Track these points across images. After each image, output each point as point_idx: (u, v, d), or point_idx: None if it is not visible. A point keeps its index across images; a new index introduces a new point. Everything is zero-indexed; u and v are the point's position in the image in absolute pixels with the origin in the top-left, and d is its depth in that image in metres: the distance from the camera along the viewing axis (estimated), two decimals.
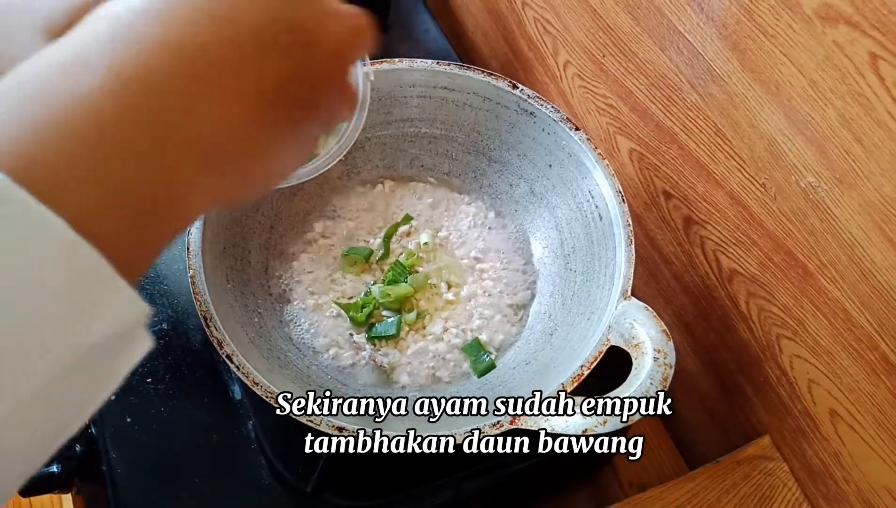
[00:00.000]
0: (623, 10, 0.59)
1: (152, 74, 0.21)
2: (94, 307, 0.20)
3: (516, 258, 0.63)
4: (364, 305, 0.58)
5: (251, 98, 0.23)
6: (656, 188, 0.62)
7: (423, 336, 0.58)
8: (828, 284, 0.48)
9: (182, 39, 0.22)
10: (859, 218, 0.44)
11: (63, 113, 0.20)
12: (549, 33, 0.72)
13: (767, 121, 0.48)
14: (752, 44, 0.47)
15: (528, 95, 0.59)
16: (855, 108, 0.41)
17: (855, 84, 0.41)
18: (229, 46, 0.23)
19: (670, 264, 0.64)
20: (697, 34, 0.51)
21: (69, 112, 0.20)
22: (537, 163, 0.61)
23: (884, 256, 0.43)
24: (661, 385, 0.44)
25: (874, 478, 0.50)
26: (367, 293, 0.59)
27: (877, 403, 0.47)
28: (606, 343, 0.48)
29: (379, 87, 0.61)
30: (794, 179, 0.47)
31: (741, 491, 0.55)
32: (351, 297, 0.59)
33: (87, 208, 0.20)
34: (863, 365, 0.47)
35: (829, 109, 0.43)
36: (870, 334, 0.46)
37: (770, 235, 0.51)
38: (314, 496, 0.51)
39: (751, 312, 0.56)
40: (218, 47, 0.23)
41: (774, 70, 0.46)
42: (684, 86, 0.54)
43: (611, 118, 0.66)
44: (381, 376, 0.56)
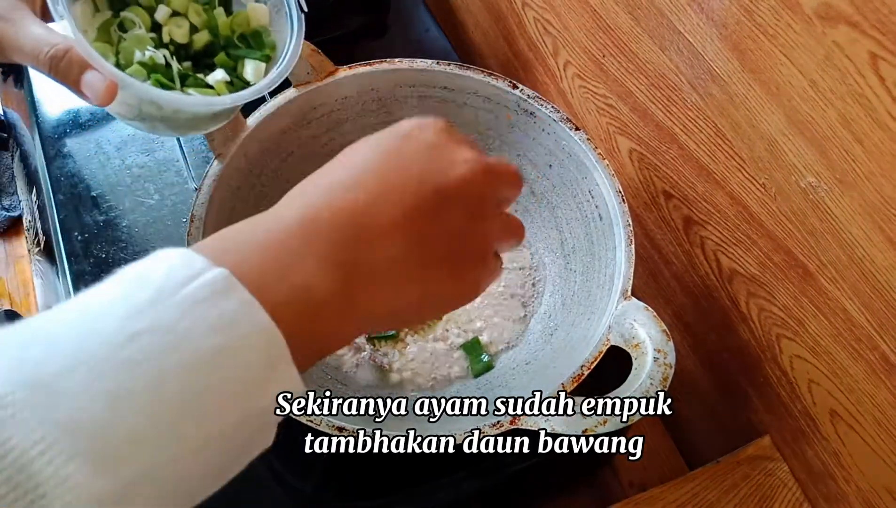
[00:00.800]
0: (623, 10, 0.59)
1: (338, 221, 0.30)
2: (270, 376, 0.26)
3: (516, 258, 0.63)
4: None
5: (409, 239, 0.30)
6: (656, 188, 0.62)
7: (422, 336, 0.58)
8: (828, 284, 0.48)
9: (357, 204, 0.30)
10: (859, 218, 0.44)
11: (262, 237, 0.29)
12: (549, 33, 0.72)
13: (767, 121, 0.48)
14: (753, 44, 0.46)
15: (528, 95, 0.59)
16: (855, 108, 0.41)
17: (855, 84, 0.40)
18: (391, 207, 0.30)
19: (670, 264, 0.64)
20: (697, 34, 0.51)
21: (266, 237, 0.29)
22: (537, 163, 0.61)
23: (884, 256, 0.43)
24: (661, 385, 0.44)
25: (874, 478, 0.50)
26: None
27: (877, 403, 0.47)
28: (606, 343, 0.48)
29: (379, 87, 0.61)
30: (795, 179, 0.47)
31: (741, 491, 0.55)
32: None
33: (278, 303, 0.26)
34: (863, 365, 0.47)
35: (829, 110, 0.43)
36: (870, 334, 0.46)
37: (770, 235, 0.51)
38: (314, 496, 0.51)
39: (751, 312, 0.56)
40: (383, 206, 0.30)
41: (774, 70, 0.46)
42: (684, 86, 0.54)
43: (611, 118, 0.66)
44: (380, 376, 0.56)
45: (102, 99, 0.42)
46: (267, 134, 0.59)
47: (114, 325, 0.24)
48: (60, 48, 0.41)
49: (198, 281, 0.25)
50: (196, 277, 0.25)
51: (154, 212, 0.65)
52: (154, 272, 0.25)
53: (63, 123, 0.71)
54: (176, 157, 0.68)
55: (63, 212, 0.64)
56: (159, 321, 0.24)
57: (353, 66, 0.60)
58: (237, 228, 0.30)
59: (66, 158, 0.68)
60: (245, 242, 0.28)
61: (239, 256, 0.27)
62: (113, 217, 0.64)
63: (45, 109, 0.72)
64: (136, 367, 0.23)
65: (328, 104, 0.61)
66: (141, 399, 0.23)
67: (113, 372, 0.23)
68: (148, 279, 0.25)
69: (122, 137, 0.69)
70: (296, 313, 0.27)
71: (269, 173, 0.60)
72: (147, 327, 0.24)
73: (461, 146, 0.33)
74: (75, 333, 0.24)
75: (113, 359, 0.23)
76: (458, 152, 0.32)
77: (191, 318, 0.24)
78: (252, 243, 0.28)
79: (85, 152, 0.68)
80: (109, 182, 0.67)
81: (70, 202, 0.65)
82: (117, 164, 0.68)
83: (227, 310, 0.25)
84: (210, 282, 0.25)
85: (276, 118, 0.59)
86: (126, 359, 0.23)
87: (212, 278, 0.25)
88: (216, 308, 0.25)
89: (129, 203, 0.65)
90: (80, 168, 0.67)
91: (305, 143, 0.62)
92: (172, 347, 0.24)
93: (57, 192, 0.66)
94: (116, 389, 0.23)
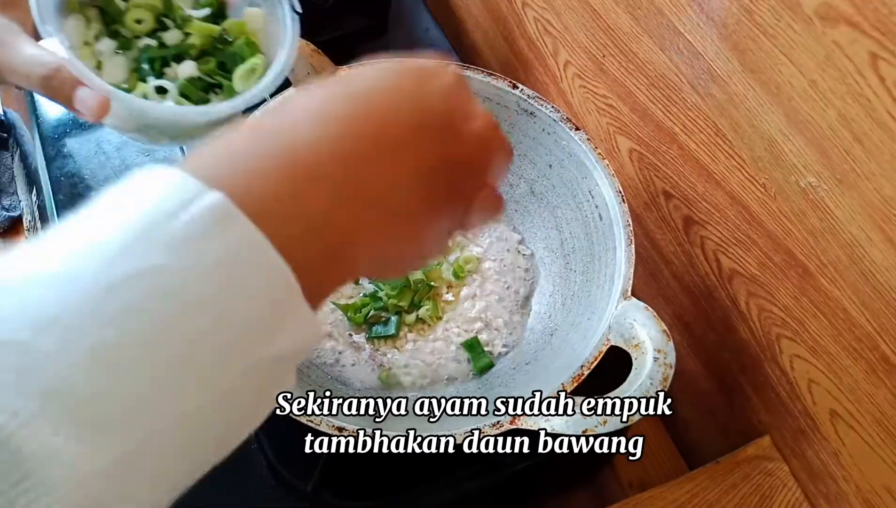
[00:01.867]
0: (623, 10, 0.59)
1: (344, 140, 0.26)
2: (283, 323, 0.23)
3: (516, 258, 0.63)
4: (362, 306, 0.58)
5: (412, 170, 0.28)
6: (656, 188, 0.62)
7: (422, 336, 0.58)
8: (828, 284, 0.48)
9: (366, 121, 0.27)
10: (859, 218, 0.44)
11: (275, 159, 0.25)
12: (550, 33, 0.72)
13: (767, 121, 0.48)
14: (753, 44, 0.46)
15: (528, 95, 0.59)
16: (855, 108, 0.41)
17: (855, 84, 0.40)
18: (396, 129, 0.28)
19: (670, 264, 0.64)
20: (697, 34, 0.51)
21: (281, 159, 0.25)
22: (537, 163, 0.61)
23: (884, 256, 0.43)
24: (661, 385, 0.44)
25: (874, 478, 0.50)
26: (366, 295, 0.59)
27: (877, 403, 0.47)
28: (607, 343, 0.48)
29: None
30: (795, 179, 0.47)
31: (741, 491, 0.55)
32: (350, 297, 0.59)
33: (289, 236, 0.23)
34: (863, 365, 0.47)
35: (829, 110, 0.43)
36: (870, 333, 0.46)
37: (770, 235, 0.51)
38: (314, 496, 0.51)
39: (751, 312, 0.56)
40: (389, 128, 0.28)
41: (775, 70, 0.46)
42: (684, 86, 0.54)
43: (611, 118, 0.66)
44: (380, 375, 0.56)
45: (95, 114, 0.42)
46: None
47: (97, 269, 0.20)
48: (52, 67, 0.41)
49: (191, 209, 0.22)
50: (189, 204, 0.22)
51: None
52: (141, 199, 0.22)
53: (63, 123, 0.71)
54: (176, 157, 0.68)
55: (63, 212, 0.64)
56: (149, 261, 0.21)
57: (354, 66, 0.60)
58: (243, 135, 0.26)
59: (67, 159, 0.68)
60: (248, 155, 0.25)
61: (241, 176, 0.24)
62: None
63: (44, 109, 0.72)
64: (127, 319, 0.20)
65: None
66: (134, 357, 0.20)
67: (98, 327, 0.20)
68: (134, 208, 0.22)
69: (122, 138, 0.69)
70: (307, 247, 0.24)
71: None
72: (135, 270, 0.21)
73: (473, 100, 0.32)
74: (54, 280, 0.20)
75: (98, 311, 0.20)
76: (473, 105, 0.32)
77: (186, 257, 0.21)
78: (259, 156, 0.25)
79: (85, 152, 0.68)
80: (109, 182, 0.66)
81: (70, 202, 0.65)
82: (117, 164, 0.68)
83: (230, 246, 0.22)
84: (207, 211, 0.22)
85: None
86: (115, 310, 0.20)
87: (209, 206, 0.22)
88: (216, 243, 0.22)
89: None
90: (81, 168, 0.67)
91: None
92: (165, 293, 0.21)
93: (57, 192, 0.66)
94: (104, 347, 0.20)
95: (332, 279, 0.27)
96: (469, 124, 0.31)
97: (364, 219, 0.27)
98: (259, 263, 0.22)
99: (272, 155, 0.25)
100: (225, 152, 0.25)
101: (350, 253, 0.27)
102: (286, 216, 0.24)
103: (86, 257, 0.21)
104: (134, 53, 0.47)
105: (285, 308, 0.23)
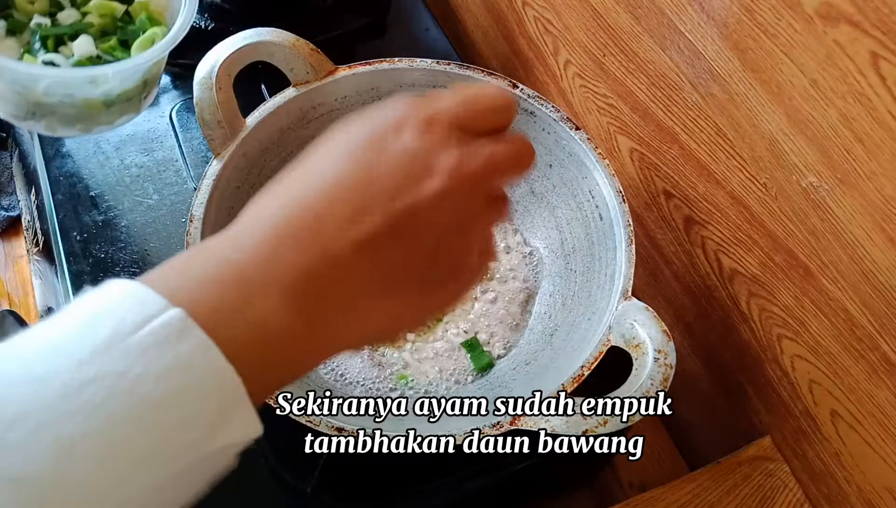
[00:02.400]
0: (623, 9, 0.58)
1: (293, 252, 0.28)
2: (227, 420, 0.26)
3: (516, 259, 0.62)
4: None
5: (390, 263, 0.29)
6: (657, 188, 0.62)
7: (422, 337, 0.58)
8: (829, 284, 0.48)
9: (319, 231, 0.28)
10: (861, 218, 0.44)
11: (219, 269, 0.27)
12: (550, 33, 0.71)
13: (768, 120, 0.48)
14: (753, 43, 0.46)
15: (529, 95, 0.59)
16: (856, 107, 0.41)
17: (856, 84, 0.40)
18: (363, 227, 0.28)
19: (671, 264, 0.64)
20: (698, 34, 0.51)
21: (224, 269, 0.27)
22: (537, 163, 0.61)
23: (885, 256, 0.43)
24: (661, 386, 0.44)
25: (875, 479, 0.50)
26: None
27: (878, 403, 0.47)
28: (607, 344, 0.48)
29: (378, 86, 0.61)
30: (796, 178, 0.47)
31: (742, 492, 0.55)
32: None
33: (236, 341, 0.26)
34: (864, 365, 0.47)
35: (830, 109, 0.43)
36: (871, 334, 0.46)
37: (771, 235, 0.51)
38: (314, 496, 0.51)
39: (752, 312, 0.56)
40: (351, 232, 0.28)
41: (775, 70, 0.45)
42: (685, 85, 0.54)
43: (611, 118, 0.66)
44: (380, 375, 0.56)
45: None
46: (266, 133, 0.59)
47: (66, 371, 0.24)
48: None
49: (153, 324, 0.25)
50: (151, 319, 0.25)
51: (153, 212, 0.65)
52: (108, 313, 0.25)
53: None
54: (175, 157, 0.68)
55: (62, 212, 0.64)
56: (112, 367, 0.24)
57: (353, 65, 0.60)
58: (194, 256, 0.29)
59: (65, 158, 0.68)
60: (202, 275, 0.28)
61: (196, 291, 0.27)
62: (112, 217, 0.64)
63: None
64: (88, 416, 0.23)
65: (328, 104, 0.61)
66: (91, 448, 0.23)
67: (62, 422, 0.23)
68: (102, 321, 0.25)
69: (121, 137, 0.69)
70: (254, 349, 0.27)
71: (268, 173, 0.60)
72: (98, 373, 0.24)
73: (446, 146, 0.29)
74: (26, 379, 0.24)
75: (63, 408, 0.23)
76: (439, 157, 0.29)
77: (143, 363, 0.24)
78: (210, 276, 0.27)
79: (84, 152, 0.68)
80: (108, 182, 0.66)
81: (69, 202, 0.65)
82: (116, 163, 0.68)
83: (183, 353, 0.25)
84: (166, 324, 0.25)
85: (276, 118, 0.59)
86: (77, 408, 0.23)
87: (168, 320, 0.25)
88: (171, 352, 0.25)
89: (127, 203, 0.65)
90: (79, 168, 0.67)
91: (305, 142, 0.61)
92: (125, 393, 0.24)
93: (56, 192, 0.66)
94: (67, 439, 0.23)
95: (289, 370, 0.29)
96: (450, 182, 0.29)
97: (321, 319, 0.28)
98: (209, 367, 0.25)
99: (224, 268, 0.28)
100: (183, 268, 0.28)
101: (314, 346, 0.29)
102: (235, 324, 0.26)
103: (58, 360, 0.24)
104: (27, 37, 0.47)
105: (230, 407, 0.26)
